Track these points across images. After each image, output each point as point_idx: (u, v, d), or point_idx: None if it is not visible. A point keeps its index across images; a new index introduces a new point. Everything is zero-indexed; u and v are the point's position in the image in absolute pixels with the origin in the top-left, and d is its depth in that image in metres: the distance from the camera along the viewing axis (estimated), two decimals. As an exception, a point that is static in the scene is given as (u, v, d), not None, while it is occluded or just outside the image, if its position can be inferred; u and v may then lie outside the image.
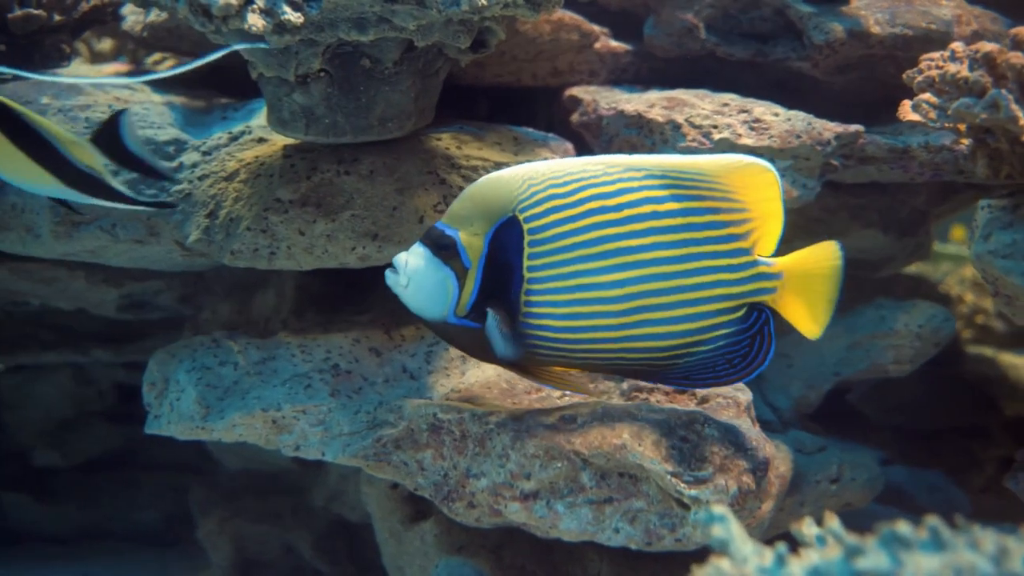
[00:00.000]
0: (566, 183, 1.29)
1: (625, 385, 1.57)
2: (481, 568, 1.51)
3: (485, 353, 1.36)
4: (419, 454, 1.43)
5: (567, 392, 1.45)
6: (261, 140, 1.63)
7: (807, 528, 1.09)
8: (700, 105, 1.67)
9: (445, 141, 1.64)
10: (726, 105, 1.69)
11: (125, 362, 2.34)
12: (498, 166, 1.63)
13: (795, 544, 0.89)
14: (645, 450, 1.33)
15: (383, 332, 1.63)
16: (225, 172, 1.59)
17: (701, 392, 1.53)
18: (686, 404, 1.50)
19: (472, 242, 1.30)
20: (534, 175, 1.30)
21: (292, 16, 1.27)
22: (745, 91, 1.78)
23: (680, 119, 1.66)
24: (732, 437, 1.37)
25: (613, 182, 1.28)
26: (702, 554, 1.45)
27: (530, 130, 1.75)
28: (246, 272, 1.87)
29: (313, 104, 1.48)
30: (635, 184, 1.28)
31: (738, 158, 1.31)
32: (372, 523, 1.89)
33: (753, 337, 1.36)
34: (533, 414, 1.41)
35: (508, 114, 1.89)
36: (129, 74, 1.94)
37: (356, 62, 1.45)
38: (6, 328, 2.16)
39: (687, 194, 1.29)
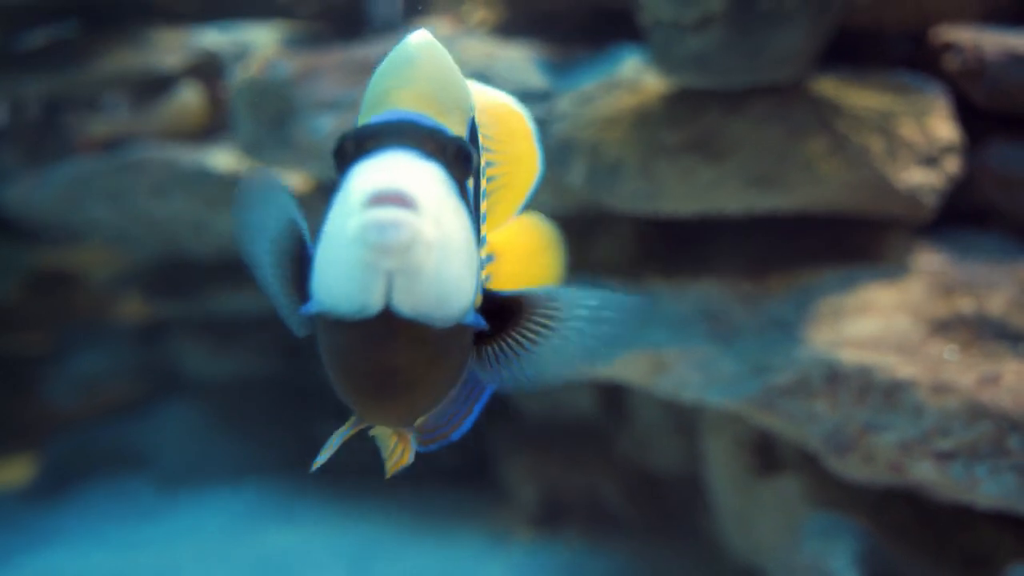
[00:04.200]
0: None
1: None
2: (862, 525, 1.46)
3: (447, 389, 0.76)
4: (811, 403, 1.41)
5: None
6: (633, 88, 1.65)
7: None
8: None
9: (825, 85, 1.59)
10: None
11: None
12: (883, 116, 1.55)
13: None
14: (1087, 415, 1.24)
15: (748, 280, 1.61)
16: (603, 118, 1.61)
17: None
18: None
19: None
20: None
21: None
22: None
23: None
24: None
25: None
26: None
27: (907, 75, 1.66)
28: (579, 218, 1.91)
29: (707, 48, 1.46)
30: None
31: (481, 92, 0.81)
32: (699, 474, 1.89)
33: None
34: (950, 373, 1.34)
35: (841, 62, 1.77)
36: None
37: (755, 4, 1.42)
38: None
39: None
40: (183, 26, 2.18)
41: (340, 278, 0.65)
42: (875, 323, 1.49)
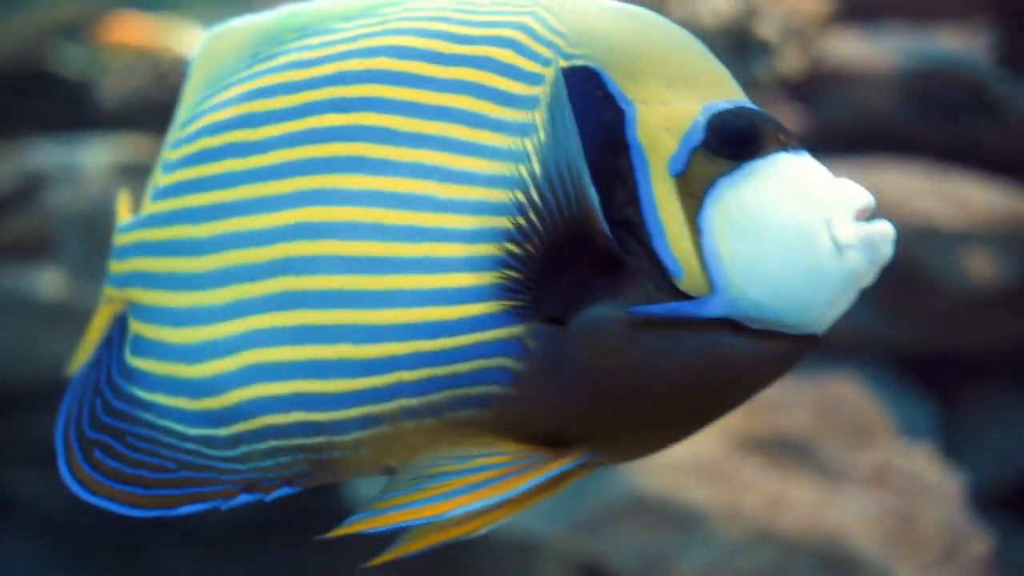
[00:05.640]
0: None
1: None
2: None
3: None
4: (618, 530, 1.44)
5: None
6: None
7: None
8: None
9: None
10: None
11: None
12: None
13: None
14: (858, 538, 1.31)
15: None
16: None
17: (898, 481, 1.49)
18: (883, 490, 1.47)
19: None
20: None
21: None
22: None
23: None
24: (952, 523, 1.33)
25: None
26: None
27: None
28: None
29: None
30: None
31: None
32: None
33: None
34: (740, 496, 1.40)
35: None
36: None
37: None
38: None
39: None
40: (16, 139, 2.15)
41: (806, 284, 0.55)
42: (681, 445, 1.55)
